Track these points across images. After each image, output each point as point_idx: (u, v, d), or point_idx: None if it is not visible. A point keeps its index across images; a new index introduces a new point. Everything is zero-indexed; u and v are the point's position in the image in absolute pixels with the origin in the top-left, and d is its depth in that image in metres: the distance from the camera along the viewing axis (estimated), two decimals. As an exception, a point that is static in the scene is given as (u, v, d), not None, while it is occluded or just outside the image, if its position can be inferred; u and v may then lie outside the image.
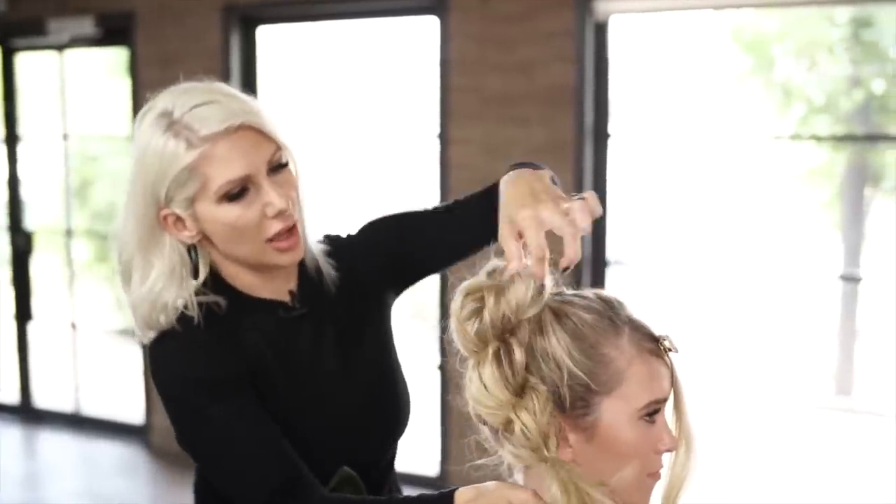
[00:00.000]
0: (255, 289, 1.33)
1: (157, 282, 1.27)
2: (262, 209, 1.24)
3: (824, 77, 8.14)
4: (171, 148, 1.22)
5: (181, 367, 1.25)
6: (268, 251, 1.27)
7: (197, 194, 1.24)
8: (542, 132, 3.76)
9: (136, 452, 4.82)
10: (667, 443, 1.01)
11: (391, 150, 5.73)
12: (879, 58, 7.90)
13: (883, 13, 7.61)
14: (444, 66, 3.89)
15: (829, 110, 8.19)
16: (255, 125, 1.24)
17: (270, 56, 4.67)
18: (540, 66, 3.74)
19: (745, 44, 7.86)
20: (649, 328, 1.03)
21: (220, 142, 1.22)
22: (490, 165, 3.84)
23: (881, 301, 7.95)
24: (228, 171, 1.22)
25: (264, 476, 1.19)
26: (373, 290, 1.43)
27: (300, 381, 1.31)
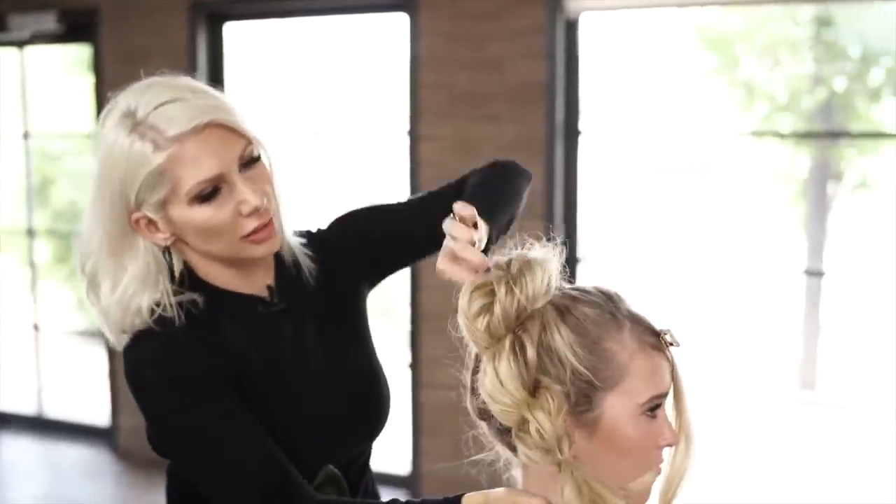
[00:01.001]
0: (233, 285, 1.30)
1: (129, 286, 1.24)
2: (236, 207, 1.21)
3: (787, 75, 8.23)
4: (138, 150, 1.18)
5: (160, 367, 1.22)
6: (244, 246, 1.24)
7: (168, 197, 1.20)
8: (513, 129, 3.75)
9: (101, 455, 4.75)
10: (667, 437, 1.01)
11: (361, 147, 5.71)
12: (840, 57, 8.01)
13: (843, 12, 7.71)
14: (414, 63, 3.87)
15: (792, 108, 8.29)
16: (223, 121, 1.20)
17: (238, 53, 4.62)
18: (510, 64, 3.73)
19: (710, 42, 7.93)
20: (649, 322, 1.03)
21: (187, 142, 1.18)
22: (460, 163, 3.79)
23: (844, 296, 8.07)
24: (199, 172, 1.19)
25: (251, 478, 1.16)
26: (349, 282, 1.41)
27: (283, 377, 1.29)
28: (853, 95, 8.13)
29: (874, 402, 6.68)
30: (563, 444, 0.97)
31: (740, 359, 7.77)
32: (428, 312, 3.88)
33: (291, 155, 5.31)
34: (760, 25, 7.96)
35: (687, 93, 7.60)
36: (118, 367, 4.56)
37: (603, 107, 4.11)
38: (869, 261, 8.32)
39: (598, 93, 3.93)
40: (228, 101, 1.23)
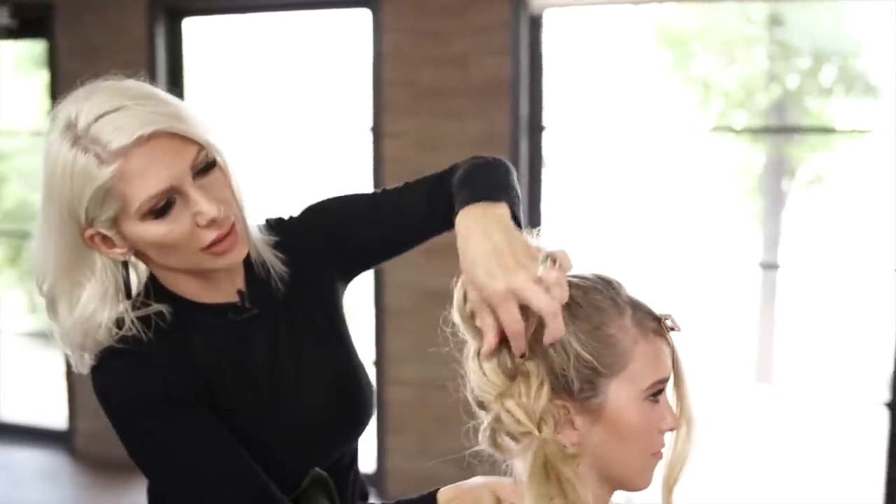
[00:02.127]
0: (200, 295, 1.24)
1: (88, 304, 1.17)
2: (192, 219, 1.14)
3: (742, 73, 8.34)
4: (81, 165, 1.11)
5: (126, 388, 1.16)
6: (205, 258, 1.18)
7: (119, 214, 1.13)
8: (477, 125, 3.75)
9: (58, 459, 4.66)
10: (669, 422, 1.01)
11: (324, 143, 5.68)
12: (793, 55, 8.14)
13: (794, 12, 7.85)
14: (377, 60, 3.85)
15: (747, 105, 8.41)
16: (170, 129, 1.12)
17: (198, 50, 4.56)
18: (474, 60, 3.73)
19: (667, 40, 8.02)
20: (650, 307, 1.03)
21: (133, 155, 1.10)
22: (424, 159, 3.82)
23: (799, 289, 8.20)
24: (148, 187, 1.11)
25: (229, 496, 1.13)
26: (323, 278, 1.36)
27: (259, 385, 1.25)
28: (806, 93, 8.27)
29: (829, 393, 6.79)
30: (541, 425, 0.97)
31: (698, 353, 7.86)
32: (392, 310, 3.86)
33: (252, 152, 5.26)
34: (715, 24, 8.06)
35: (646, 89, 7.68)
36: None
37: (567, 102, 4.13)
38: (823, 254, 8.46)
39: (562, 88, 3.94)
40: (177, 106, 1.15)
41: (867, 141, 8.03)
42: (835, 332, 7.96)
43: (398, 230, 1.35)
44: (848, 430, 4.99)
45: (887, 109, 7.62)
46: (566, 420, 0.99)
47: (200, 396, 1.18)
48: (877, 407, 3.78)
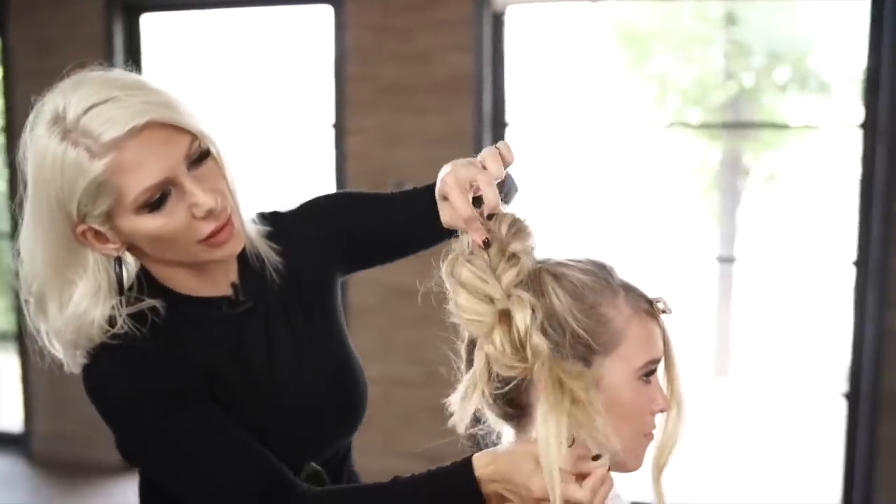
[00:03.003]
0: (195, 289, 1.22)
1: (80, 302, 1.14)
2: (188, 211, 1.12)
3: (698, 71, 8.45)
4: (72, 160, 1.07)
5: (125, 383, 1.13)
6: (202, 249, 1.16)
7: (113, 208, 1.10)
8: (440, 121, 3.75)
9: (14, 463, 4.57)
10: (660, 403, 1.02)
11: (285, 140, 5.64)
12: (747, 54, 8.26)
13: (748, 12, 7.97)
14: (339, 56, 3.84)
15: (703, 103, 8.52)
16: (162, 119, 1.09)
17: (156, 46, 4.50)
18: (437, 56, 3.73)
19: (625, 38, 8.10)
20: (641, 290, 1.05)
21: (125, 146, 1.07)
22: (387, 155, 3.82)
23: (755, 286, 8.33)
24: (143, 179, 1.08)
25: (243, 485, 1.09)
26: (321, 270, 1.34)
27: (256, 379, 1.23)
28: (760, 91, 8.40)
29: (787, 385, 6.90)
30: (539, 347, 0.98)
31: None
32: (357, 307, 3.84)
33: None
34: (672, 22, 8.15)
35: (605, 86, 7.75)
36: (31, 369, 4.41)
37: (528, 99, 4.16)
38: (779, 249, 8.60)
39: (524, 85, 3.97)
40: (168, 95, 1.13)
41: (820, 137, 8.18)
42: (792, 326, 8.09)
43: (409, 231, 1.35)
44: (807, 422, 5.07)
45: (839, 106, 7.77)
46: None
47: (198, 388, 1.15)
48: (835, 398, 3.84)
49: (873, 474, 3.48)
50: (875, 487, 3.49)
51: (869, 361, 3.46)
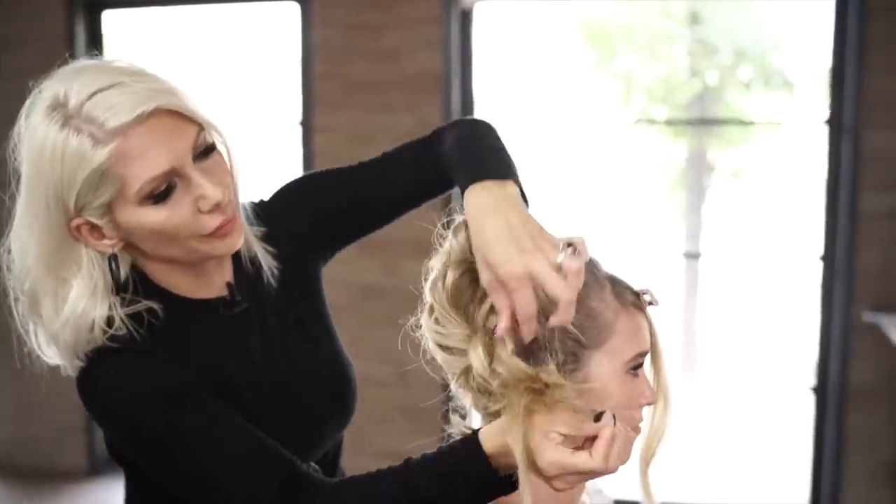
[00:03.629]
0: (191, 289, 1.18)
1: (77, 303, 1.09)
2: (194, 204, 1.08)
3: (663, 69, 8.51)
4: (74, 147, 1.02)
5: (129, 387, 1.08)
6: (204, 244, 1.11)
7: (114, 199, 1.05)
8: (409, 119, 3.73)
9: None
10: (648, 396, 1.02)
11: (252, 138, 5.59)
12: (712, 52, 8.33)
13: (712, 11, 8.03)
14: (306, 53, 3.81)
15: (668, 101, 8.58)
16: (171, 106, 1.05)
17: (119, 43, 4.43)
18: (406, 53, 3.71)
19: (591, 36, 8.13)
20: (627, 283, 1.04)
21: (132, 133, 1.03)
22: (356, 153, 3.72)
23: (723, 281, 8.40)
24: (149, 168, 1.04)
25: (257, 479, 1.05)
26: (306, 265, 1.31)
27: (256, 379, 1.20)
28: (725, 88, 8.47)
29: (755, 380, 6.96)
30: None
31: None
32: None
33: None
34: (638, 21, 8.20)
35: (572, 84, 7.77)
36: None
37: (497, 96, 4.16)
38: (745, 245, 8.68)
39: (492, 83, 3.97)
40: (173, 84, 1.09)
41: (784, 134, 8.27)
42: (759, 321, 8.17)
43: (383, 202, 1.30)
44: (775, 416, 5.12)
45: (803, 103, 7.86)
46: None
47: (205, 388, 1.11)
48: (803, 392, 3.87)
49: (841, 467, 3.52)
50: (843, 479, 3.52)
51: (836, 355, 3.50)
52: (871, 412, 3.47)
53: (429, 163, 1.23)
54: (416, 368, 1.16)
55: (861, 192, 3.39)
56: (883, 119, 3.35)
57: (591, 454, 0.87)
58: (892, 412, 3.43)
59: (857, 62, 3.34)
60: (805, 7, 7.04)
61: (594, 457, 0.87)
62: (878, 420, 3.46)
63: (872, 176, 3.37)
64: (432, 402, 4.29)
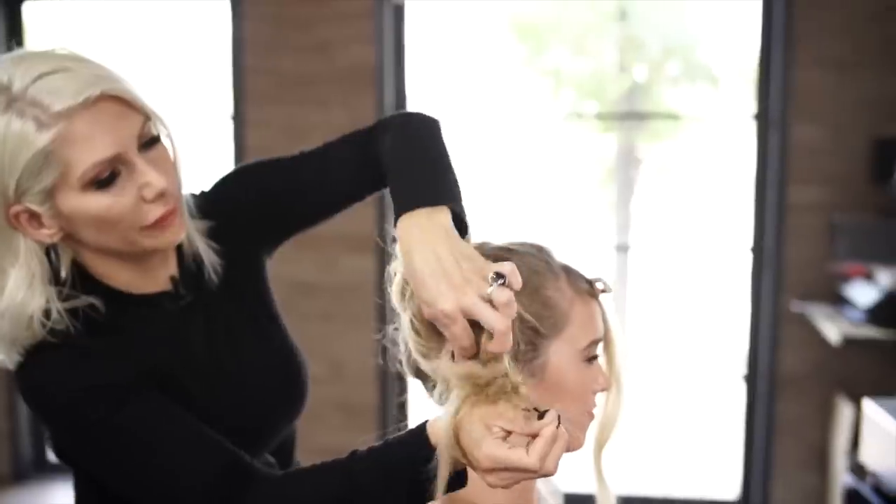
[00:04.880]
0: (133, 283, 1.15)
1: (15, 293, 1.06)
2: (138, 193, 1.06)
3: (592, 64, 8.60)
4: (17, 130, 1.01)
5: (68, 382, 1.05)
6: (146, 236, 1.10)
7: (56, 184, 1.04)
8: (343, 113, 3.70)
9: None
10: (602, 382, 1.03)
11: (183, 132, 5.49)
12: (640, 48, 8.45)
13: (639, 7, 8.15)
14: (237, 47, 3.75)
15: (598, 96, 8.68)
16: (117, 93, 1.04)
17: (40, 36, 4.30)
18: (339, 48, 3.68)
19: (521, 31, 8.18)
20: (580, 271, 1.04)
21: (77, 117, 1.02)
22: (289, 148, 3.68)
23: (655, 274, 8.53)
24: (94, 152, 1.02)
25: (201, 471, 1.03)
26: (249, 257, 1.29)
27: (202, 374, 1.17)
28: (653, 84, 8.61)
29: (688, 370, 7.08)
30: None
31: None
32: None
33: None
34: (567, 16, 8.27)
35: (503, 78, 7.82)
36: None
37: (429, 91, 4.18)
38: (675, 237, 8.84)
39: (424, 78, 3.98)
40: (118, 73, 1.08)
41: (712, 128, 8.44)
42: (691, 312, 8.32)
43: (325, 195, 1.29)
44: (707, 405, 5.21)
45: (730, 98, 8.03)
46: None
47: (147, 383, 1.08)
48: (735, 381, 3.95)
49: (771, 452, 3.61)
50: (773, 464, 3.61)
51: (766, 344, 3.58)
52: (799, 398, 3.56)
53: (368, 165, 1.21)
54: (351, 365, 1.15)
55: (788, 184, 3.48)
56: (809, 113, 3.44)
57: (527, 452, 0.85)
58: (819, 398, 3.53)
59: (784, 57, 3.42)
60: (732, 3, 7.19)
61: (531, 455, 0.84)
62: (806, 406, 3.56)
63: (799, 169, 3.46)
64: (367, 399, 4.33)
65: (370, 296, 3.73)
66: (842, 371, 3.48)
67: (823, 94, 3.41)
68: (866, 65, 3.36)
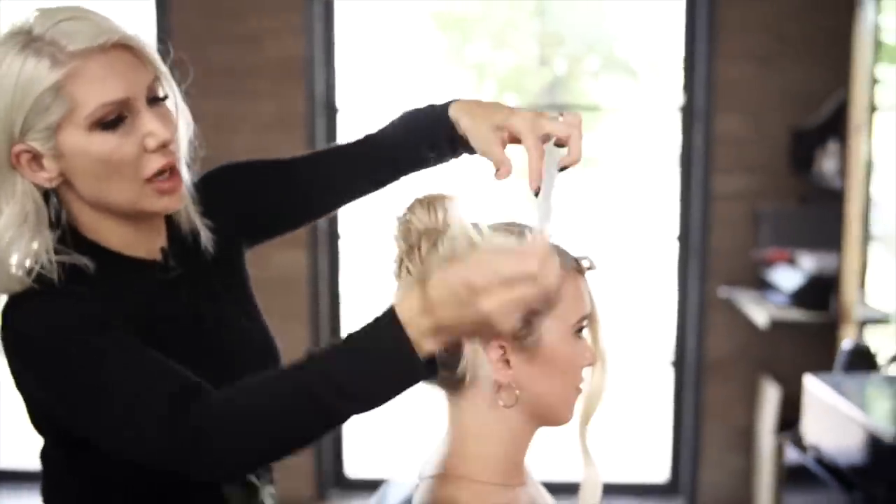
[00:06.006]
0: (125, 245, 1.15)
1: (4, 232, 1.07)
2: (141, 141, 1.08)
3: (513, 58, 8.68)
4: (31, 67, 1.03)
5: (49, 317, 1.05)
6: (146, 193, 1.11)
7: (63, 121, 1.05)
8: (273, 106, 3.67)
9: None
10: (589, 357, 1.05)
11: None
12: (560, 42, 8.56)
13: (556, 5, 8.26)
14: (163, 37, 3.67)
15: (519, 88, 8.77)
16: (132, 44, 1.09)
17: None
18: (268, 39, 3.64)
19: (443, 23, 8.21)
20: (565, 249, 1.06)
21: (92, 59, 1.05)
22: (218, 140, 3.63)
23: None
24: (104, 93, 1.05)
25: (152, 393, 1.00)
26: (233, 246, 1.30)
27: (182, 347, 1.14)
28: (574, 77, 8.73)
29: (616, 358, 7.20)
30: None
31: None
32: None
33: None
34: (488, 10, 8.33)
35: (427, 72, 7.84)
36: None
37: (359, 84, 4.19)
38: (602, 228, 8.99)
39: (354, 70, 3.99)
40: (136, 32, 1.12)
41: (634, 119, 8.60)
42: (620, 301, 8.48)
43: (316, 196, 1.34)
44: (638, 390, 5.31)
45: (655, 90, 8.20)
46: (502, 360, 1.00)
47: (127, 327, 1.07)
48: (664, 366, 4.05)
49: (700, 435, 3.71)
50: (701, 447, 3.71)
51: (693, 330, 3.68)
52: (725, 382, 3.67)
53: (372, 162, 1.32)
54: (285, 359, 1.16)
55: (713, 174, 3.57)
56: (732, 104, 3.54)
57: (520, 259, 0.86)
58: (745, 382, 3.64)
59: (708, 50, 3.51)
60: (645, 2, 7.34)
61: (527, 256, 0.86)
62: (733, 390, 3.67)
63: (723, 159, 3.56)
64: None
65: (304, 290, 3.71)
66: (766, 354, 3.59)
67: (746, 86, 3.52)
68: (787, 57, 3.48)
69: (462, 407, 1.04)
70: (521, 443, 1.06)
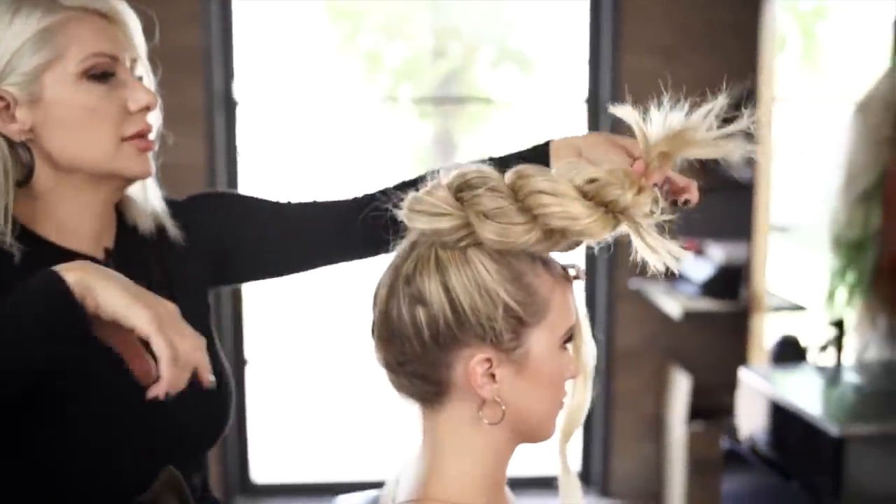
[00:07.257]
0: (64, 233, 1.09)
1: None
2: (124, 102, 1.08)
3: (407, 50, 8.63)
4: (24, 13, 1.03)
5: None
6: (122, 151, 1.08)
7: (49, 64, 1.03)
8: (172, 98, 3.46)
9: None
10: (573, 370, 1.00)
11: None
12: (455, 34, 8.56)
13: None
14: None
15: (413, 79, 8.72)
16: (124, 20, 1.10)
17: None
18: (164, 30, 3.46)
19: (336, 14, 8.09)
20: (552, 257, 1.01)
21: (85, 17, 1.06)
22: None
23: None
24: (98, 44, 1.06)
25: None
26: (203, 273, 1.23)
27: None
28: (469, 69, 8.74)
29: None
30: None
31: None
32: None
33: None
34: (381, 2, 8.25)
35: (323, 63, 7.72)
36: None
37: (256, 76, 4.08)
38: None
39: (252, 63, 3.88)
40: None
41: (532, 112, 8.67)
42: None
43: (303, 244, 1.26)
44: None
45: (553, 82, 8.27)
46: (487, 374, 0.94)
47: None
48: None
49: (610, 424, 3.74)
50: (612, 436, 3.75)
51: (602, 321, 3.70)
52: (635, 373, 3.71)
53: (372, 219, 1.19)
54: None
55: (620, 165, 3.59)
56: (637, 97, 3.56)
57: None
58: (653, 371, 3.69)
59: (613, 43, 3.53)
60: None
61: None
62: (642, 379, 3.71)
63: (630, 150, 3.58)
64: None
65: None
66: (676, 343, 3.65)
67: (650, 79, 3.54)
68: (690, 50, 3.53)
69: (439, 423, 0.98)
70: (502, 460, 1.00)
